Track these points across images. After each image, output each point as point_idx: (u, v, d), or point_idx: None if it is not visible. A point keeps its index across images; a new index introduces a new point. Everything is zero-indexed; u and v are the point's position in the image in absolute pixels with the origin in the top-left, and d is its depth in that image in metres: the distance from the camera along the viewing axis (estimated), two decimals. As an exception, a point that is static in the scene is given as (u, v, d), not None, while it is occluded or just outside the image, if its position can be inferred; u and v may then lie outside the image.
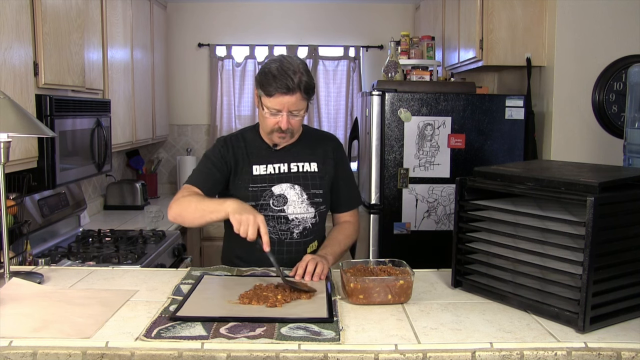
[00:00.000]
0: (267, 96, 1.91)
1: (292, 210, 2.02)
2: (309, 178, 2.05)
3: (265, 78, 1.90)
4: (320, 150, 2.10)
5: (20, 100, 2.27)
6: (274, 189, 2.02)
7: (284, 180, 2.03)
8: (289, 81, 1.86)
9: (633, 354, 1.34)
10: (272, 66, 1.90)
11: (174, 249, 3.32)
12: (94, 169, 3.00)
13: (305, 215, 2.03)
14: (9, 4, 2.22)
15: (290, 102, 1.89)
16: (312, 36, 4.95)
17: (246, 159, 2.04)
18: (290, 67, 1.88)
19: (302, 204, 2.03)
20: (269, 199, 2.01)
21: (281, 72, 1.87)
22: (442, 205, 3.19)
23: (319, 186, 2.05)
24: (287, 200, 2.01)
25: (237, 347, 1.32)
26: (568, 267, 1.49)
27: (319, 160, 2.09)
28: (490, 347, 1.35)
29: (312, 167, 2.07)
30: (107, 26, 3.30)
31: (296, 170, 2.05)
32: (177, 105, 5.01)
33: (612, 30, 3.09)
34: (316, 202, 2.05)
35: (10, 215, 2.20)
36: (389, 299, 1.62)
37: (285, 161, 2.05)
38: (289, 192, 2.02)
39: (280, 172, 2.04)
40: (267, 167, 2.04)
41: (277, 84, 1.87)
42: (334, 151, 2.13)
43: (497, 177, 1.69)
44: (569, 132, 3.15)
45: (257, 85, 1.96)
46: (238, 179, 2.03)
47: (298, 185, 2.03)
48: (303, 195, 2.03)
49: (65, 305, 1.58)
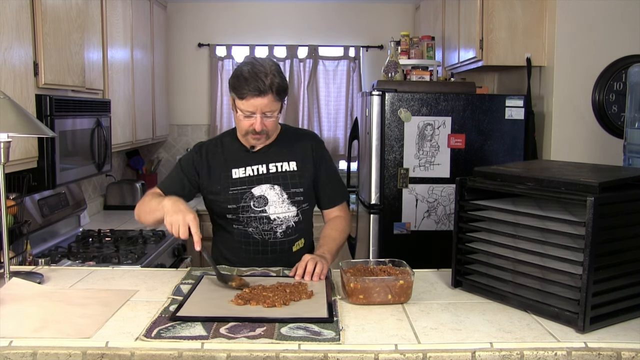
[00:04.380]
0: (239, 99, 1.92)
1: (273, 210, 2.02)
2: (288, 177, 2.05)
3: (237, 81, 1.91)
4: (299, 149, 2.11)
5: (20, 100, 2.27)
6: (253, 190, 2.03)
7: (264, 181, 2.04)
8: (260, 83, 1.87)
9: (633, 354, 1.34)
10: (243, 69, 1.92)
11: (174, 249, 3.32)
12: (94, 169, 3.00)
13: (287, 215, 2.04)
14: (9, 4, 2.23)
15: (262, 104, 1.90)
16: (312, 36, 4.95)
17: (224, 163, 2.06)
18: (262, 69, 1.90)
19: (283, 203, 2.03)
20: (249, 200, 2.02)
21: (252, 74, 1.88)
22: (442, 205, 3.19)
23: (298, 185, 2.06)
24: (268, 200, 2.02)
25: (237, 347, 1.33)
26: (568, 267, 1.49)
27: (298, 158, 2.09)
28: (490, 347, 1.35)
29: (291, 166, 2.07)
30: (107, 26, 3.30)
31: (275, 170, 2.06)
32: (177, 105, 5.01)
33: (612, 30, 3.09)
34: (297, 201, 2.05)
35: (10, 215, 2.20)
36: (389, 299, 1.62)
37: (264, 162, 2.06)
38: (269, 192, 2.03)
39: (259, 173, 2.05)
40: (246, 170, 2.05)
41: (249, 86, 1.88)
42: (314, 149, 2.13)
43: (497, 177, 1.69)
44: (569, 132, 3.15)
45: (230, 88, 1.97)
46: (216, 183, 2.04)
47: (277, 185, 2.04)
48: (283, 194, 2.04)
49: (65, 305, 1.58)
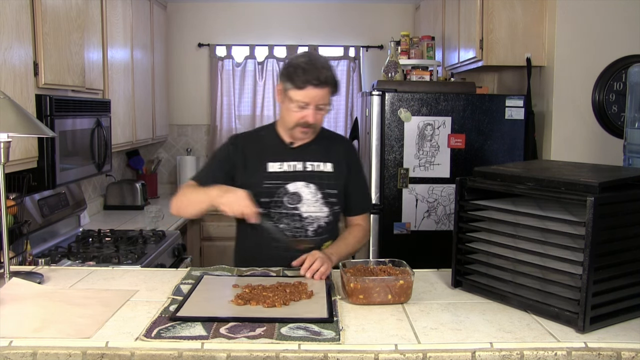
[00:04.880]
0: (297, 89, 1.91)
1: (305, 208, 2.02)
2: (324, 178, 2.05)
3: (295, 71, 1.91)
4: (335, 151, 2.11)
5: (20, 100, 2.27)
6: (288, 186, 2.02)
7: (299, 179, 2.03)
8: (320, 74, 1.89)
9: (633, 354, 1.34)
10: (300, 60, 1.92)
11: (174, 249, 3.32)
12: (94, 169, 3.00)
13: (318, 214, 2.03)
14: (9, 4, 2.22)
15: (319, 96, 1.91)
16: (312, 36, 4.95)
17: (260, 156, 2.05)
18: (319, 61, 1.92)
19: (317, 202, 2.03)
20: (283, 196, 2.01)
21: (311, 65, 1.90)
22: (442, 205, 3.19)
23: (333, 186, 2.05)
24: (302, 198, 2.02)
25: (237, 347, 1.33)
26: (568, 267, 1.49)
27: (334, 160, 2.08)
28: (490, 347, 1.35)
29: (327, 167, 2.07)
30: (107, 26, 3.30)
31: (311, 169, 2.05)
32: (177, 105, 5.01)
33: (612, 30, 3.09)
34: (330, 202, 2.05)
35: (10, 215, 2.20)
36: (389, 299, 1.62)
37: (301, 159, 2.05)
38: (304, 190, 2.02)
39: (296, 170, 2.04)
40: (282, 165, 2.04)
41: (308, 76, 1.88)
42: (348, 153, 2.14)
43: (497, 177, 1.69)
44: (569, 132, 3.15)
45: (284, 79, 1.95)
46: (250, 176, 2.03)
47: (313, 184, 2.03)
48: (318, 194, 2.03)
49: (65, 305, 1.58)
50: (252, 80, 4.93)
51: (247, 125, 4.96)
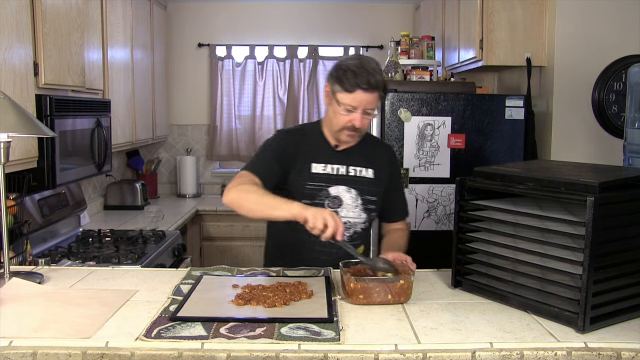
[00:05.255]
0: (346, 92, 1.88)
1: (345, 213, 2.00)
2: (365, 183, 2.03)
3: (345, 74, 1.87)
4: (378, 158, 2.09)
5: (20, 100, 2.26)
6: (330, 189, 2.00)
7: (342, 183, 2.01)
8: (371, 78, 1.85)
9: (633, 354, 1.34)
10: (350, 63, 1.88)
11: (174, 249, 3.32)
12: (94, 169, 3.00)
13: (356, 220, 2.02)
14: (9, 4, 2.22)
15: (367, 100, 1.88)
16: (312, 36, 4.95)
17: (306, 155, 2.01)
18: (370, 65, 1.88)
19: (356, 208, 2.02)
20: (324, 198, 1.99)
21: (362, 69, 1.86)
22: (442, 205, 3.19)
23: (374, 193, 2.04)
24: (342, 202, 2.00)
25: (237, 347, 1.33)
26: (568, 267, 1.49)
27: (376, 167, 2.07)
28: (490, 347, 1.35)
29: (369, 173, 2.05)
30: (107, 26, 3.30)
31: (354, 174, 2.03)
32: (177, 105, 5.01)
33: (612, 30, 3.09)
34: (369, 209, 2.04)
35: (10, 215, 2.20)
36: (389, 299, 1.62)
37: (344, 163, 2.03)
38: (345, 194, 2.01)
39: (339, 173, 2.02)
40: (326, 167, 2.01)
41: (358, 80, 1.85)
42: (390, 161, 2.13)
43: (497, 177, 1.69)
44: (569, 132, 3.15)
45: (333, 80, 1.92)
46: (296, 174, 1.99)
47: (354, 189, 2.01)
48: (358, 200, 2.02)
49: (65, 305, 1.58)
50: (252, 80, 4.93)
51: (247, 126, 4.97)
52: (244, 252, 4.38)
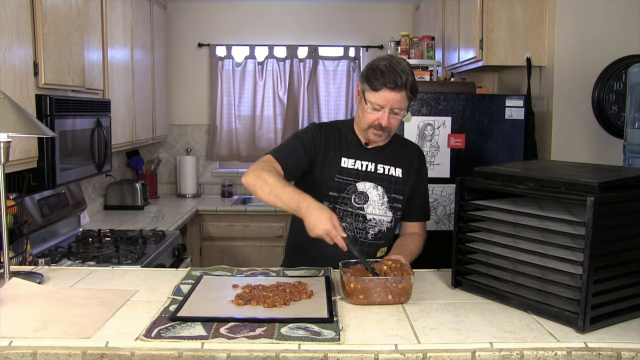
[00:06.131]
0: (372, 91, 1.91)
1: (371, 210, 2.01)
2: (392, 182, 2.05)
3: (373, 73, 1.90)
4: (407, 157, 2.10)
5: (20, 100, 2.27)
6: (358, 185, 2.02)
7: (369, 179, 2.03)
8: (398, 78, 1.87)
9: (633, 354, 1.34)
10: (380, 63, 1.92)
11: (174, 249, 3.32)
12: (94, 169, 3.00)
13: (382, 218, 2.03)
14: (9, 4, 2.22)
15: (394, 99, 1.89)
16: (312, 36, 4.95)
17: (337, 149, 2.04)
18: (399, 65, 1.90)
19: (382, 206, 2.03)
20: (351, 194, 2.01)
21: (390, 69, 1.88)
22: (442, 205, 3.19)
23: (401, 192, 2.05)
24: (369, 199, 2.01)
25: (237, 347, 1.33)
26: (568, 267, 1.49)
27: (404, 166, 2.08)
28: (490, 347, 1.35)
29: (397, 172, 2.06)
30: (107, 26, 3.30)
31: (382, 172, 2.05)
32: (177, 105, 5.01)
33: (612, 30, 3.09)
34: (395, 207, 2.05)
35: (10, 215, 2.20)
36: (389, 299, 1.62)
37: (374, 161, 2.05)
38: (372, 191, 2.02)
39: (367, 170, 2.03)
40: (356, 163, 2.03)
41: (385, 79, 1.88)
42: (418, 161, 2.14)
43: (497, 177, 1.69)
44: (569, 132, 3.15)
45: (362, 79, 1.96)
46: (326, 166, 2.02)
47: (381, 187, 2.03)
48: (384, 197, 2.03)
49: (65, 305, 1.58)
50: (252, 80, 4.93)
51: (247, 126, 4.97)
52: (244, 252, 4.38)
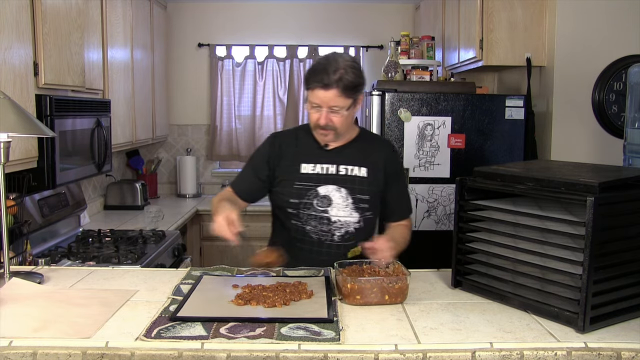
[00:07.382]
0: (307, 89, 1.94)
1: (335, 212, 2.00)
2: (356, 182, 2.02)
3: (308, 72, 1.93)
4: (373, 156, 2.07)
5: (20, 100, 2.26)
6: (319, 189, 2.00)
7: (331, 182, 2.01)
8: (325, 77, 1.86)
9: (633, 354, 1.34)
10: (319, 61, 1.93)
11: (174, 249, 3.32)
12: (94, 169, 3.00)
13: (348, 219, 2.01)
14: (9, 4, 2.22)
15: (327, 98, 1.88)
16: (312, 36, 4.95)
17: (295, 156, 2.04)
18: (334, 63, 1.88)
19: (347, 207, 2.01)
20: (313, 198, 2.00)
21: (322, 67, 1.88)
22: (442, 205, 3.19)
23: (366, 192, 2.02)
24: (332, 202, 2.00)
25: (237, 347, 1.33)
26: (568, 267, 1.49)
27: (370, 165, 2.05)
28: (490, 347, 1.35)
29: (361, 171, 2.03)
30: (107, 26, 3.30)
31: (344, 173, 2.02)
32: (177, 105, 5.01)
33: (612, 30, 3.09)
34: (361, 208, 2.02)
35: (10, 215, 2.20)
36: (385, 300, 1.62)
37: (335, 162, 2.03)
38: (335, 194, 2.00)
39: (328, 172, 2.02)
40: (315, 167, 2.03)
41: (315, 78, 1.88)
42: (388, 159, 2.09)
43: (497, 177, 1.69)
44: (569, 132, 3.15)
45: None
46: (284, 175, 2.03)
47: (345, 189, 2.01)
48: (348, 199, 2.01)
49: (65, 305, 1.58)
50: (252, 80, 4.93)
51: (247, 126, 4.97)
52: (244, 252, 4.38)
